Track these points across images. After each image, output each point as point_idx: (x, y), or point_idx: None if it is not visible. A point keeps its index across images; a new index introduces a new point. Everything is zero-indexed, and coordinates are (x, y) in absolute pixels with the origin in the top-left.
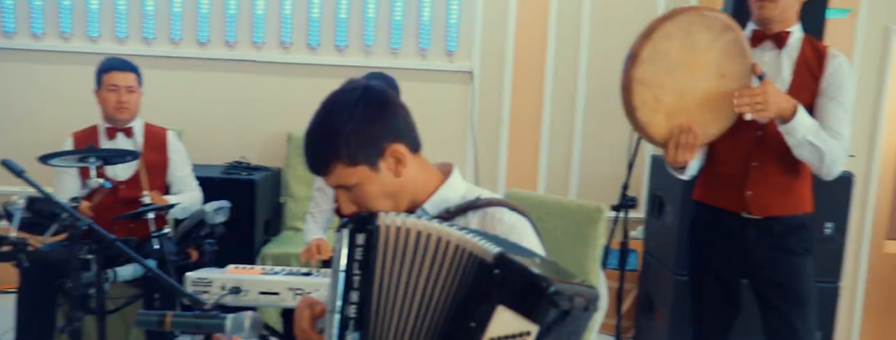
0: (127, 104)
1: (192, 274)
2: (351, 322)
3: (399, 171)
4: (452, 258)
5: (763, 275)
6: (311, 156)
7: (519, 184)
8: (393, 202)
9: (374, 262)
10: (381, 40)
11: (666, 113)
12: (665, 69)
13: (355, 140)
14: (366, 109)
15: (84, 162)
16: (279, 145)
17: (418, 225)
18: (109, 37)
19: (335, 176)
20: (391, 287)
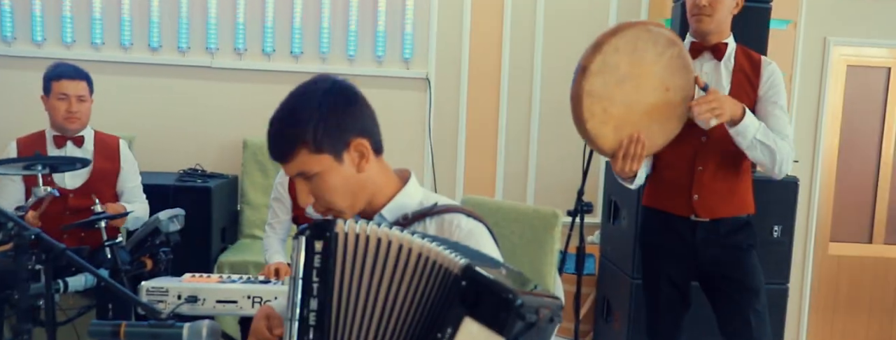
0: (77, 114)
1: (148, 283)
2: (310, 330)
3: (362, 166)
4: (416, 266)
5: (714, 272)
6: (276, 140)
7: (476, 190)
8: (351, 199)
9: (332, 269)
10: (337, 47)
11: (614, 125)
12: (614, 82)
13: (323, 126)
14: (336, 99)
15: (30, 169)
16: (235, 152)
17: (378, 232)
18: (55, 41)
19: (298, 162)
20: (351, 295)
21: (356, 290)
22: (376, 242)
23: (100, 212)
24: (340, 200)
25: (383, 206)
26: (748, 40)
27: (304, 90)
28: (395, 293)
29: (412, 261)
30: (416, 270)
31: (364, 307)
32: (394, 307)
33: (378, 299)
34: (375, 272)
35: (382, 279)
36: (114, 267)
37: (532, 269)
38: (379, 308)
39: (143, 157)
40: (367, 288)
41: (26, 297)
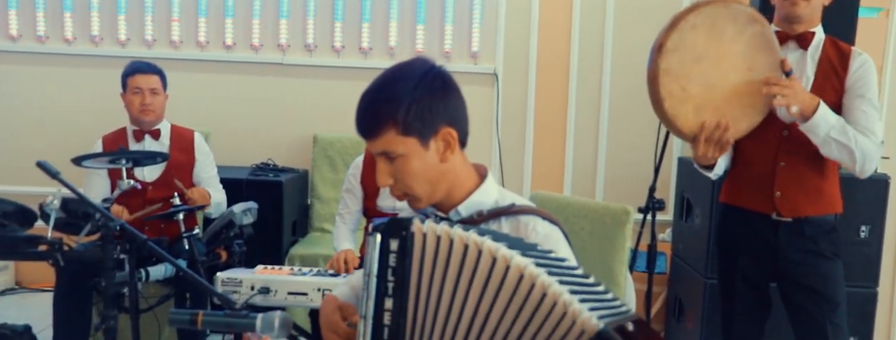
0: (151, 106)
1: (223, 273)
2: (385, 329)
3: (446, 156)
4: (516, 287)
5: (793, 279)
6: (366, 116)
7: (544, 186)
8: (430, 188)
9: (408, 270)
10: (406, 42)
11: (694, 105)
12: (692, 59)
13: (415, 109)
14: (432, 83)
15: (115, 163)
16: (305, 147)
17: (464, 238)
18: (138, 40)
19: (383, 140)
20: (432, 300)
21: (437, 296)
22: (463, 248)
23: (178, 205)
24: (419, 186)
25: (460, 202)
26: (835, 29)
27: (402, 70)
28: (487, 309)
29: (521, 290)
30: (518, 292)
31: (447, 315)
32: (485, 325)
33: (465, 310)
34: (461, 280)
35: (470, 289)
36: (191, 257)
37: (602, 267)
38: (466, 321)
39: (217, 152)
40: (450, 297)
41: (112, 285)
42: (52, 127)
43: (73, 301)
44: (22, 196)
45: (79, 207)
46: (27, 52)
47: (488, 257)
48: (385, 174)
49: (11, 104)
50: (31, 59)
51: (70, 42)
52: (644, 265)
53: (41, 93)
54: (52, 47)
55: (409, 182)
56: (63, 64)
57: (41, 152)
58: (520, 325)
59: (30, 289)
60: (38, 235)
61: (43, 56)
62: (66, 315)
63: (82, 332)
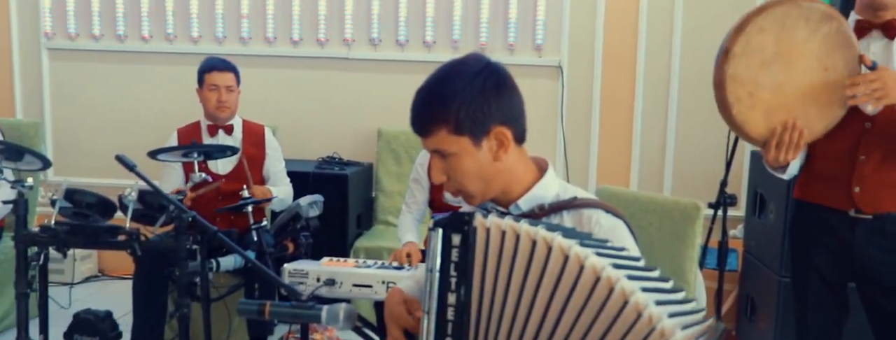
0: (226, 103)
1: (290, 265)
2: (449, 325)
3: (499, 156)
4: (592, 290)
5: (873, 279)
6: (419, 114)
7: (610, 180)
8: (483, 186)
9: (471, 265)
10: (469, 35)
11: (764, 110)
12: (760, 63)
13: (466, 109)
14: (485, 82)
15: (188, 157)
16: (370, 141)
17: (531, 234)
18: (209, 38)
19: (436, 139)
20: (497, 297)
21: (503, 293)
22: (531, 245)
23: (247, 198)
24: (471, 184)
25: (518, 197)
26: None
27: (455, 68)
28: (559, 312)
29: (598, 294)
30: (605, 309)
31: (513, 313)
32: (557, 328)
33: (533, 310)
34: (529, 278)
35: (539, 288)
36: (259, 249)
37: (671, 263)
38: (535, 321)
39: (284, 146)
40: (517, 295)
41: (185, 274)
42: (131, 121)
43: (150, 290)
44: (103, 188)
45: (154, 199)
46: (108, 50)
47: (559, 255)
48: (438, 171)
49: (94, 100)
50: (112, 58)
51: (147, 40)
52: (714, 262)
53: (121, 90)
54: (130, 45)
55: (462, 180)
56: (140, 61)
57: (121, 146)
58: (596, 333)
59: (112, 277)
60: (118, 225)
61: (122, 54)
62: (143, 303)
63: (159, 319)
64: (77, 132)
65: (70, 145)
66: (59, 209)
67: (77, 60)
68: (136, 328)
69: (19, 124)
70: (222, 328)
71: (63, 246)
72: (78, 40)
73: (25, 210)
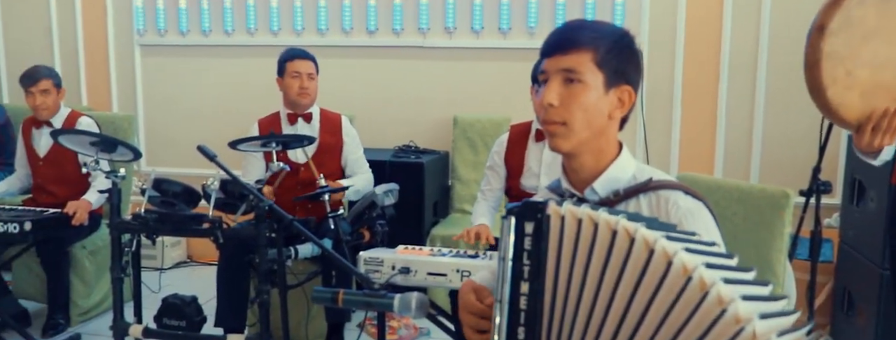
0: (308, 89)
1: (365, 253)
2: (522, 314)
3: (614, 114)
4: (683, 288)
5: None
6: (569, 31)
7: (693, 167)
8: (588, 131)
9: (545, 253)
10: (545, 20)
11: (861, 90)
12: (860, 39)
13: (617, 50)
14: (635, 45)
15: (267, 147)
16: (446, 129)
17: (611, 223)
18: (288, 30)
19: (576, 58)
20: (573, 287)
21: (579, 283)
22: (610, 235)
23: (324, 186)
24: (579, 119)
25: (600, 172)
26: None
27: (609, 23)
28: (642, 310)
29: (690, 294)
30: (699, 310)
31: (591, 306)
32: (640, 325)
33: (613, 304)
34: (608, 271)
35: (620, 282)
36: (336, 237)
37: (757, 254)
38: (614, 315)
39: (361, 135)
40: (595, 285)
41: (265, 261)
42: (216, 113)
43: (233, 276)
44: (189, 177)
45: (235, 188)
46: (194, 45)
47: (643, 248)
48: (554, 92)
49: (181, 94)
50: (197, 52)
51: (229, 34)
52: (806, 253)
53: (206, 83)
54: (214, 40)
55: (575, 110)
56: (224, 55)
57: (205, 136)
58: (690, 334)
59: (199, 263)
60: (202, 214)
61: (206, 48)
62: (226, 289)
63: (241, 305)
64: (166, 124)
65: (160, 136)
66: (148, 198)
67: (166, 56)
68: (219, 312)
69: (114, 118)
70: (301, 313)
71: (152, 234)
72: (167, 36)
73: (119, 199)
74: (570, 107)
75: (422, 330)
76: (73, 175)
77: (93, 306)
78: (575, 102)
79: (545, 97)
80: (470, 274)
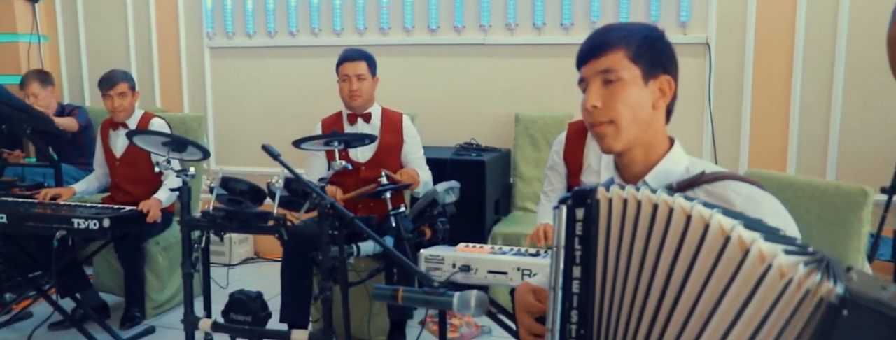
0: (358, 91)
1: (426, 250)
2: (574, 297)
3: (658, 104)
4: (722, 248)
5: None
6: (598, 36)
7: (764, 164)
8: (636, 126)
9: (595, 236)
10: (609, 14)
11: None
12: None
13: (649, 43)
14: (665, 38)
15: (329, 145)
16: (507, 126)
17: (652, 199)
18: (351, 30)
19: (610, 58)
20: (621, 265)
21: (626, 259)
22: (651, 209)
23: (385, 184)
24: (625, 116)
25: (653, 164)
26: None
27: (634, 22)
28: (684, 274)
29: (731, 252)
30: (723, 255)
31: (637, 278)
32: (678, 286)
33: (656, 273)
34: (651, 243)
35: (662, 251)
36: (398, 234)
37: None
38: (658, 284)
39: (422, 133)
40: (640, 258)
41: (328, 258)
42: (282, 112)
43: (296, 273)
44: (256, 176)
45: (298, 186)
46: (260, 46)
47: (681, 215)
48: (596, 95)
49: (248, 94)
50: (263, 53)
51: (294, 35)
52: (889, 253)
53: (272, 83)
54: (279, 41)
55: (620, 107)
56: (288, 55)
57: (271, 136)
58: (736, 295)
59: (265, 259)
60: (267, 211)
61: (272, 49)
62: (291, 285)
63: (305, 301)
64: (233, 124)
65: (228, 136)
66: (216, 196)
67: (234, 58)
68: (284, 308)
69: (185, 118)
70: (364, 310)
71: (220, 231)
72: (234, 39)
73: (189, 197)
74: (614, 105)
75: (483, 328)
76: (147, 174)
77: (166, 300)
78: (618, 99)
79: (588, 101)
80: (531, 273)
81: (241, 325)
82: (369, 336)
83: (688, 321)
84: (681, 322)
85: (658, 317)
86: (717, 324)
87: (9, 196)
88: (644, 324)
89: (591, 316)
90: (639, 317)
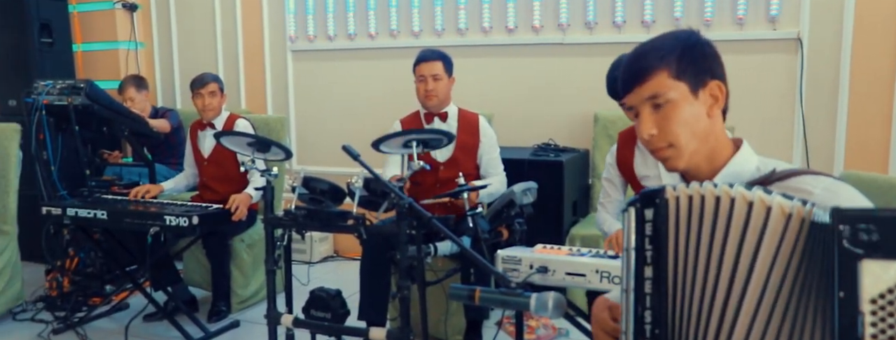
0: (433, 91)
1: (503, 251)
2: (647, 297)
3: (713, 111)
4: (765, 222)
5: None
6: (635, 61)
7: (861, 165)
8: (696, 142)
9: (665, 235)
10: (691, 12)
11: None
12: None
13: (689, 55)
14: (700, 39)
15: (407, 146)
16: (586, 126)
17: (714, 191)
18: (429, 31)
19: (654, 83)
20: (689, 260)
21: (694, 254)
22: (715, 201)
23: (462, 185)
24: (683, 136)
25: (718, 170)
26: None
27: (666, 32)
28: (750, 257)
29: (759, 217)
30: (770, 227)
31: (705, 271)
32: (746, 270)
33: (723, 262)
34: (716, 233)
35: (727, 241)
36: (475, 235)
37: None
38: (726, 272)
39: (500, 133)
40: (707, 251)
41: (405, 258)
42: (361, 113)
43: (375, 271)
44: (336, 176)
45: (377, 186)
46: (340, 49)
47: (743, 203)
48: (649, 123)
49: (328, 96)
50: (343, 55)
51: (373, 37)
52: None
53: (351, 85)
54: (359, 43)
55: (676, 129)
56: (368, 57)
57: (350, 136)
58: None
59: (345, 258)
60: (347, 211)
61: (352, 52)
62: (369, 283)
63: (383, 300)
64: (315, 124)
65: (309, 137)
66: (298, 195)
67: (315, 60)
68: (362, 306)
69: (268, 119)
70: (441, 309)
71: (302, 229)
72: (316, 41)
73: (272, 196)
74: (670, 129)
75: (560, 331)
76: (233, 173)
77: (250, 295)
78: (671, 122)
79: (642, 130)
80: (610, 275)
81: (321, 322)
82: (446, 335)
83: (760, 303)
84: (753, 305)
85: (729, 305)
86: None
87: (108, 194)
88: (715, 315)
89: (665, 315)
90: (709, 308)
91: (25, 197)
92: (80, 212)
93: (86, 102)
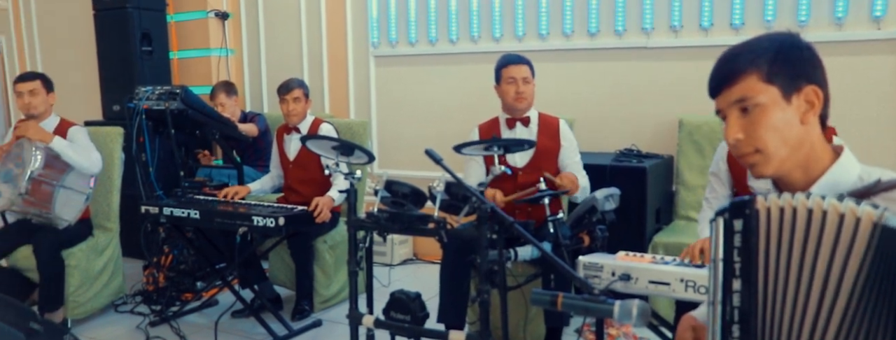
0: (524, 94)
1: (585, 258)
2: (735, 311)
3: (807, 118)
4: (853, 235)
5: None
6: (725, 62)
7: None
8: (786, 149)
9: (755, 247)
10: (784, 14)
11: None
12: None
13: (782, 57)
14: (795, 41)
15: (489, 150)
16: (670, 132)
17: (807, 203)
18: (510, 36)
19: (743, 86)
20: (780, 274)
21: (785, 268)
22: (807, 214)
23: (543, 190)
24: (772, 141)
25: (815, 180)
26: None
27: (762, 35)
28: (839, 270)
29: (849, 230)
30: (858, 239)
31: (796, 286)
32: (840, 286)
33: (814, 279)
34: (808, 248)
35: (819, 254)
36: (555, 241)
37: None
38: (816, 288)
39: (582, 138)
40: (798, 266)
41: (486, 262)
42: (441, 117)
43: (455, 275)
44: (417, 179)
45: (458, 190)
46: (421, 54)
47: (834, 215)
48: (736, 126)
49: (410, 100)
50: (425, 61)
51: (454, 42)
52: None
53: (432, 89)
54: (440, 48)
55: (763, 135)
56: (449, 62)
57: (431, 140)
58: (864, 271)
59: (424, 261)
60: (428, 214)
61: (433, 57)
62: (449, 287)
63: (462, 303)
64: (396, 129)
65: (391, 141)
66: (380, 198)
67: (397, 65)
68: (441, 309)
69: (351, 124)
70: (520, 315)
71: (384, 231)
72: (398, 47)
73: (355, 198)
74: (758, 133)
75: None
76: (317, 176)
77: (332, 295)
78: (759, 127)
79: (729, 134)
80: (696, 285)
81: (401, 323)
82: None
83: (844, 317)
84: (838, 320)
85: (818, 323)
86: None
87: (200, 194)
88: (805, 332)
89: (754, 330)
90: (800, 326)
91: (126, 197)
92: (174, 212)
93: (181, 107)
